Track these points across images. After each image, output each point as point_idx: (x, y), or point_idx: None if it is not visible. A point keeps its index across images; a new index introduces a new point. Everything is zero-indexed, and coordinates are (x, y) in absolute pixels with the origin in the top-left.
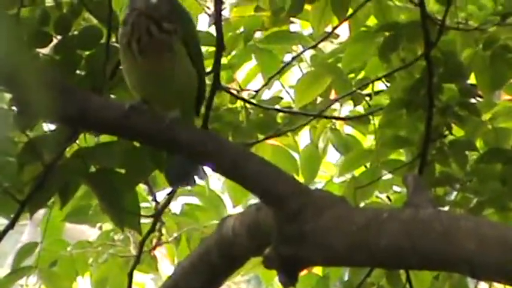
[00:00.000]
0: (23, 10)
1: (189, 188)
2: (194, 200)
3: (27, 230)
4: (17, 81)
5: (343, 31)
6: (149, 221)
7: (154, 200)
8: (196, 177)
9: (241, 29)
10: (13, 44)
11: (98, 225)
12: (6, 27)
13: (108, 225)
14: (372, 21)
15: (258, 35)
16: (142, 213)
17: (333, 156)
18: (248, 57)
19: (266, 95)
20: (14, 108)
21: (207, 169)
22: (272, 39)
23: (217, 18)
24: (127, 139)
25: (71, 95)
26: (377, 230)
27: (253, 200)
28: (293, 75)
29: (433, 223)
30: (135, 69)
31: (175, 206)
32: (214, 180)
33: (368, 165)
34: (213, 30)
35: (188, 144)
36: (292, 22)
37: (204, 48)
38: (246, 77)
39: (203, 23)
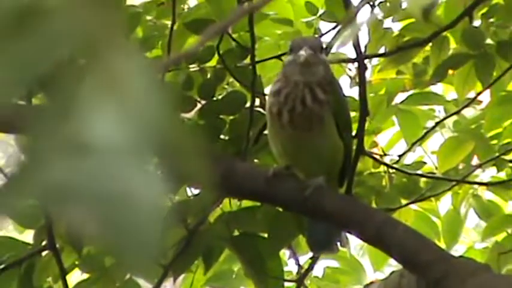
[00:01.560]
0: (167, 75)
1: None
2: (335, 263)
3: None
4: (169, 147)
5: (485, 96)
6: (292, 285)
7: (298, 264)
8: (338, 245)
9: (383, 92)
10: (165, 109)
11: None
12: (159, 92)
13: None
14: None
15: (399, 98)
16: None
17: (470, 222)
18: (390, 121)
19: (409, 159)
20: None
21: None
22: (414, 100)
23: (361, 85)
24: (270, 205)
25: (215, 160)
26: None
27: (393, 264)
28: (435, 140)
29: None
30: (282, 137)
31: (317, 269)
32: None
33: (510, 231)
34: (354, 92)
35: (332, 211)
36: (433, 84)
37: None
38: (389, 142)
39: (345, 85)
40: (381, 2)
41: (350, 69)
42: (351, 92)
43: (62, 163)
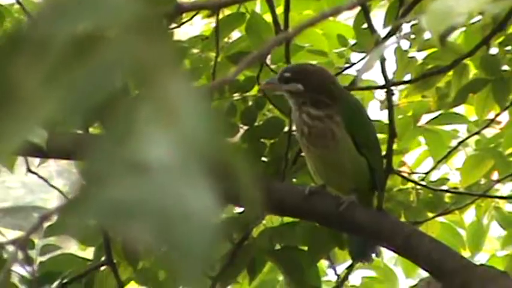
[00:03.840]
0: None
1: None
2: (371, 273)
3: None
4: (219, 167)
5: (503, 117)
6: None
7: (335, 273)
8: (373, 255)
9: (410, 114)
10: (215, 132)
11: None
12: (209, 116)
13: None
14: None
15: (425, 119)
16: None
17: (495, 232)
18: (417, 141)
19: (434, 176)
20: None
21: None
22: (439, 121)
23: (389, 110)
24: (307, 220)
25: (258, 181)
26: None
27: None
28: (458, 158)
29: None
30: (311, 158)
31: (355, 278)
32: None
33: None
34: (384, 115)
35: (364, 225)
36: (456, 106)
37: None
38: (416, 160)
39: (375, 109)
40: (405, 33)
41: (381, 95)
42: (381, 115)
43: (123, 182)
